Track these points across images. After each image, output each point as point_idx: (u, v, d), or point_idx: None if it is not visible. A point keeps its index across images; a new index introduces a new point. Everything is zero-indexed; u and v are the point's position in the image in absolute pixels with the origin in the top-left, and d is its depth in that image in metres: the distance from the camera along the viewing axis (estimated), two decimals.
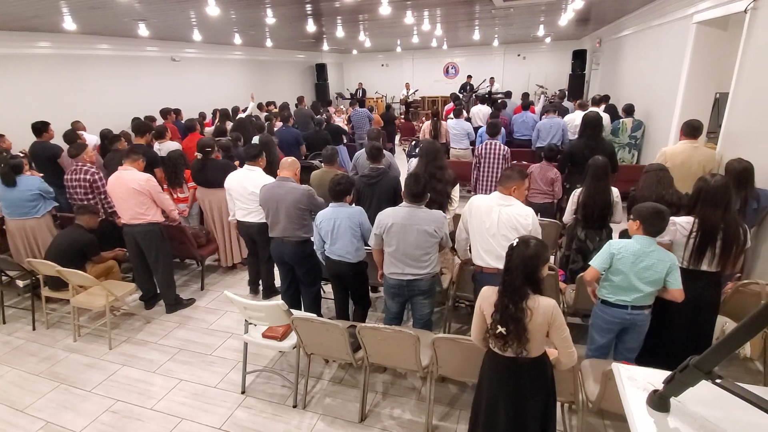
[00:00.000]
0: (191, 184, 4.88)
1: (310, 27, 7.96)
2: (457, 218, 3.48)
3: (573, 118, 6.86)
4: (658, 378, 1.31)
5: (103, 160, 5.49)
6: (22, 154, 5.49)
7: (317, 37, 11.17)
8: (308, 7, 6.68)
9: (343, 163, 6.61)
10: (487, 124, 5.84)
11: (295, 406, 2.98)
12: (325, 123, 7.73)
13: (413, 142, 7.12)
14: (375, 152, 3.90)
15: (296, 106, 9.93)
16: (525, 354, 1.93)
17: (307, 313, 3.15)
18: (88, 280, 3.69)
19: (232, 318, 4.08)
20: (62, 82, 7.49)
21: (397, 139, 10.79)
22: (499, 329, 1.93)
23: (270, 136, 6.23)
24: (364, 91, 15.50)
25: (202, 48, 10.53)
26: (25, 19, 5.83)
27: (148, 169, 4.28)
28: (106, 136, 5.93)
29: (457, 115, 7.40)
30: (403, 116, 12.40)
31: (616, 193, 3.39)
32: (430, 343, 2.51)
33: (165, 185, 4.80)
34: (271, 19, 7.03)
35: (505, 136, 6.97)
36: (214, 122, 8.35)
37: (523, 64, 15.61)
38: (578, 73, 12.80)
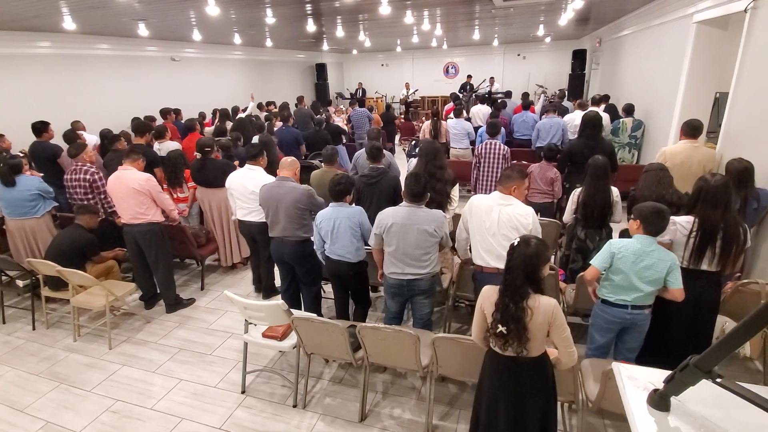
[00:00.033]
0: (191, 184, 4.88)
1: (310, 27, 7.96)
2: (456, 218, 3.48)
3: (573, 118, 6.86)
4: (659, 377, 1.31)
5: (103, 160, 5.49)
6: (22, 154, 5.50)
7: (317, 37, 11.17)
8: (308, 7, 6.68)
9: (343, 163, 6.61)
10: (487, 123, 5.84)
11: (295, 406, 2.98)
12: (325, 123, 7.73)
13: (413, 142, 7.13)
14: (375, 152, 3.90)
15: (296, 105, 9.93)
16: (525, 353, 1.93)
17: (307, 313, 3.15)
18: (88, 279, 3.69)
19: (232, 318, 4.08)
20: (62, 81, 7.49)
21: (397, 138, 10.80)
22: (500, 328, 1.93)
23: (270, 136, 6.24)
24: (364, 91, 15.49)
25: (202, 48, 10.53)
26: (25, 19, 5.83)
27: (148, 169, 4.28)
28: (106, 136, 5.93)
29: (458, 114, 7.40)
30: (403, 116, 12.39)
31: (615, 193, 3.40)
32: (430, 343, 2.52)
33: (165, 185, 4.80)
34: (271, 18, 7.03)
35: (505, 136, 6.97)
36: (214, 122, 8.35)
37: (523, 64, 15.61)
38: (578, 72, 12.80)
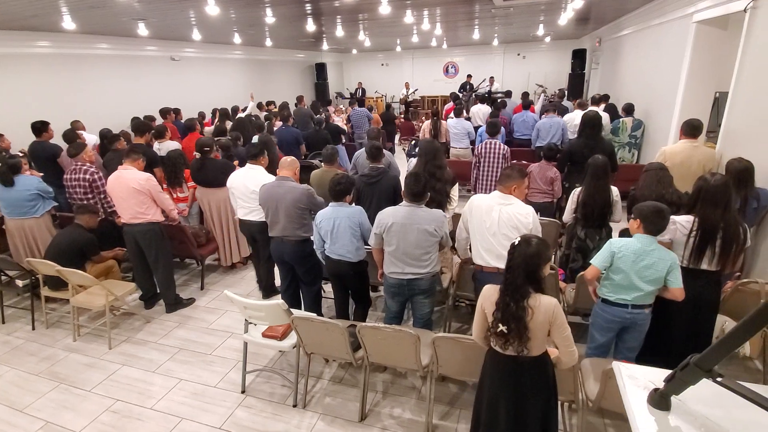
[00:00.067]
0: (191, 184, 4.88)
1: (310, 26, 7.96)
2: (456, 217, 3.48)
3: (573, 118, 6.86)
4: (659, 376, 1.31)
5: (103, 160, 5.48)
6: (22, 154, 5.49)
7: (317, 37, 11.16)
8: (308, 7, 6.68)
9: (342, 162, 6.61)
10: (487, 123, 5.84)
11: (295, 406, 2.98)
12: (325, 123, 7.73)
13: (413, 142, 7.13)
14: (375, 152, 3.90)
15: (296, 105, 9.92)
16: (526, 353, 1.93)
17: (307, 313, 3.14)
18: (87, 279, 3.69)
19: (232, 317, 4.07)
20: (62, 81, 7.49)
21: (396, 138, 10.79)
22: (501, 327, 1.93)
23: (269, 136, 6.24)
24: (363, 91, 15.49)
25: (202, 47, 10.52)
26: (24, 19, 5.82)
27: (148, 169, 4.28)
28: (106, 136, 5.92)
29: (458, 114, 7.40)
30: (402, 116, 12.39)
31: (615, 192, 3.40)
32: (431, 343, 2.52)
33: (164, 185, 4.79)
34: (270, 18, 7.03)
35: (505, 136, 6.97)
36: (214, 122, 8.35)
37: (523, 64, 15.61)
38: (578, 72, 12.80)
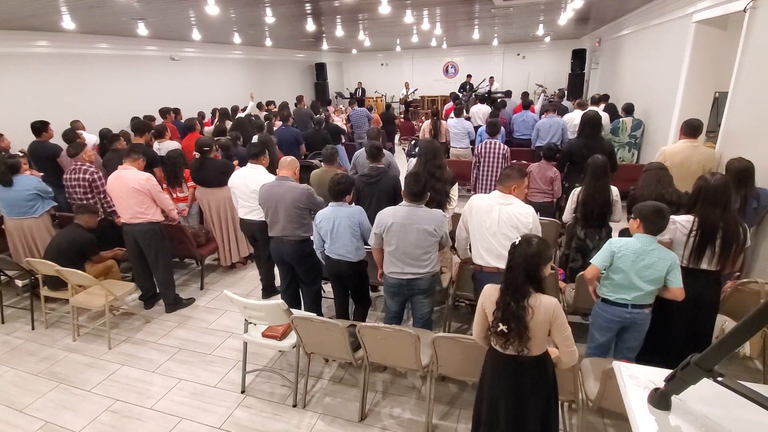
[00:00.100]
0: (191, 184, 4.87)
1: (310, 26, 7.96)
2: (456, 217, 3.48)
3: (572, 117, 6.87)
4: (659, 376, 1.31)
5: (102, 160, 5.48)
6: (21, 154, 5.48)
7: (317, 37, 11.16)
8: (308, 7, 6.67)
9: (341, 162, 6.61)
10: (487, 123, 5.84)
11: (294, 406, 2.98)
12: (324, 122, 7.73)
13: (413, 142, 7.13)
14: (375, 151, 3.90)
15: (295, 105, 9.92)
16: (526, 352, 1.93)
17: (307, 313, 3.14)
18: (87, 279, 3.68)
19: (232, 317, 4.07)
20: (61, 81, 7.48)
21: (396, 138, 10.79)
22: (501, 327, 1.93)
23: (269, 136, 6.23)
24: (363, 91, 15.48)
25: (202, 47, 10.51)
26: (23, 18, 5.81)
27: (148, 169, 4.27)
28: (105, 136, 5.92)
29: (458, 114, 7.39)
30: (402, 115, 12.39)
31: (615, 192, 3.40)
32: (430, 342, 2.52)
33: (164, 185, 4.79)
34: (270, 18, 7.03)
35: (505, 136, 6.97)
36: (214, 121, 8.35)
37: (523, 64, 15.61)
38: (578, 72, 12.80)
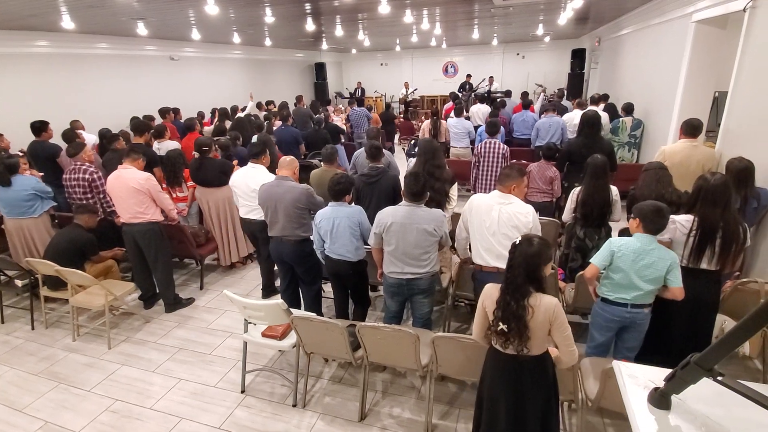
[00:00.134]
0: (190, 184, 4.87)
1: (309, 26, 7.96)
2: (455, 217, 3.48)
3: (572, 117, 6.87)
4: (659, 376, 1.31)
5: (102, 160, 5.47)
6: (21, 154, 5.48)
7: (316, 36, 11.15)
8: (307, 6, 6.67)
9: (341, 162, 6.61)
10: (486, 123, 5.84)
11: (294, 405, 2.98)
12: (324, 122, 7.73)
13: (412, 141, 7.13)
14: (374, 151, 3.90)
15: (295, 105, 9.92)
16: (526, 352, 1.93)
17: (307, 312, 3.14)
18: (87, 279, 3.68)
19: (232, 317, 4.07)
20: (61, 81, 7.47)
21: (396, 138, 10.79)
22: (501, 326, 1.93)
23: (268, 136, 6.23)
24: (363, 90, 15.48)
25: (201, 47, 10.51)
26: (22, 18, 5.80)
27: (147, 169, 4.27)
28: (105, 136, 5.91)
29: (458, 113, 7.38)
30: (402, 115, 12.39)
31: (615, 192, 3.40)
32: (430, 342, 2.51)
33: (164, 184, 4.79)
34: (270, 18, 7.02)
35: (504, 135, 6.96)
36: (213, 121, 8.34)
37: (523, 63, 15.61)
38: (577, 72, 12.79)
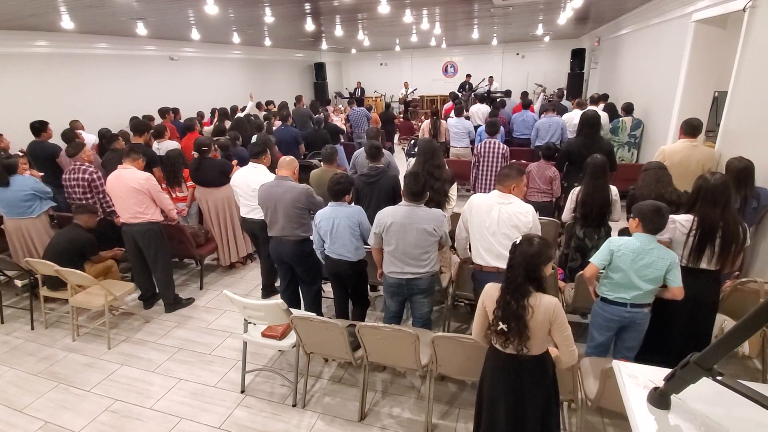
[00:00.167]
0: (190, 184, 4.87)
1: (309, 26, 7.95)
2: (455, 217, 3.48)
3: (572, 117, 6.87)
4: (659, 375, 1.31)
5: (101, 160, 5.47)
6: (22, 154, 5.47)
7: (316, 36, 11.15)
8: (307, 6, 6.67)
9: (340, 162, 6.60)
10: (486, 122, 5.84)
11: (294, 405, 2.98)
12: (324, 122, 7.73)
13: (412, 141, 7.13)
14: (374, 151, 3.90)
15: (294, 105, 9.92)
16: (526, 351, 1.93)
17: (306, 312, 3.14)
18: (86, 279, 3.68)
19: (232, 317, 4.07)
20: (60, 81, 7.47)
21: (396, 138, 10.79)
22: (501, 326, 1.94)
23: (267, 136, 6.23)
24: (362, 90, 15.48)
25: (201, 47, 10.50)
26: (21, 18, 5.80)
27: (147, 169, 4.26)
28: (104, 135, 5.91)
29: (458, 113, 7.38)
30: (402, 115, 12.39)
31: (614, 192, 3.40)
32: (430, 342, 2.51)
33: (163, 184, 4.78)
34: (269, 18, 7.02)
35: (504, 135, 6.96)
36: (213, 121, 8.34)
37: (522, 63, 15.61)
38: (577, 71, 12.78)
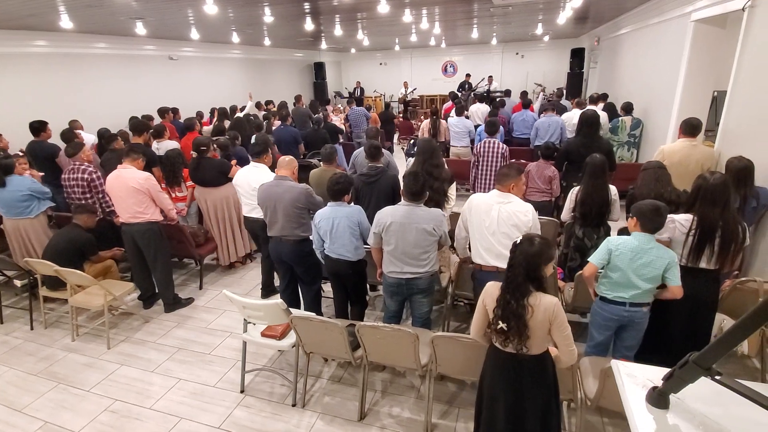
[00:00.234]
0: (189, 183, 4.87)
1: (308, 26, 7.95)
2: (454, 216, 3.48)
3: (571, 117, 6.87)
4: (658, 375, 1.31)
5: (100, 160, 5.46)
6: (22, 153, 5.46)
7: (315, 36, 11.14)
8: (306, 6, 6.66)
9: (339, 162, 6.60)
10: (486, 122, 5.84)
11: (294, 405, 2.98)
12: (323, 122, 7.73)
13: (411, 141, 7.13)
14: (374, 151, 3.90)
15: (294, 104, 9.91)
16: (525, 351, 1.94)
17: (306, 312, 3.14)
18: (86, 279, 3.68)
19: (231, 317, 4.07)
20: (60, 81, 7.46)
21: (395, 137, 10.79)
22: (500, 325, 1.94)
23: (266, 136, 6.22)
24: (362, 90, 15.47)
25: (200, 47, 10.49)
26: (20, 18, 5.79)
27: (146, 169, 4.26)
28: (104, 135, 5.91)
29: (459, 113, 7.37)
30: (401, 115, 12.39)
31: (614, 191, 3.40)
32: (429, 342, 2.52)
33: (163, 184, 4.78)
34: (269, 17, 7.01)
35: (504, 135, 6.96)
36: (212, 121, 8.34)
37: (522, 63, 15.61)
38: (576, 71, 12.78)
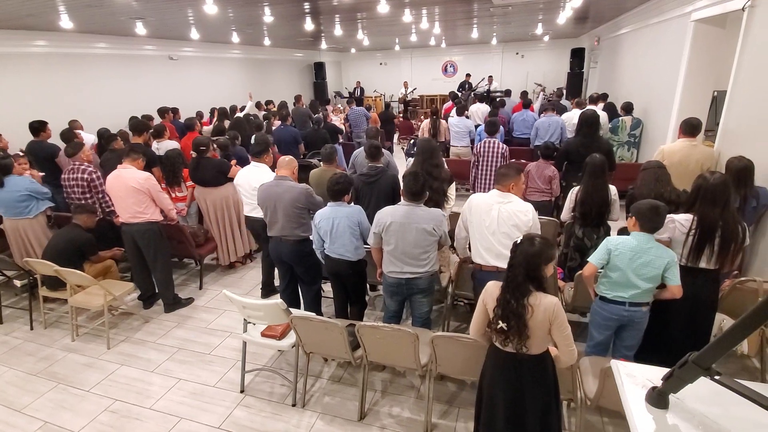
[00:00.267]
0: (189, 183, 4.87)
1: (308, 25, 7.95)
2: (454, 216, 3.48)
3: (571, 117, 6.87)
4: (657, 375, 1.31)
5: (100, 159, 5.46)
6: (22, 153, 5.46)
7: (315, 36, 11.14)
8: (306, 6, 6.66)
9: (339, 162, 6.60)
10: (486, 122, 5.84)
11: (294, 405, 2.98)
12: (323, 122, 7.73)
13: (411, 141, 7.12)
14: (374, 151, 3.90)
15: (294, 104, 9.91)
16: (525, 350, 1.94)
17: (306, 312, 3.14)
18: (85, 279, 3.68)
19: (231, 317, 4.07)
20: (60, 81, 7.46)
21: (395, 137, 10.79)
22: (500, 324, 1.94)
23: (266, 136, 6.22)
24: (362, 90, 15.47)
25: (200, 46, 10.50)
26: (20, 18, 5.79)
27: (146, 169, 4.26)
28: (103, 135, 5.90)
29: (460, 113, 7.37)
30: (401, 115, 12.38)
31: (613, 191, 3.40)
32: (429, 342, 2.52)
33: (163, 184, 4.78)
34: (269, 17, 7.01)
35: (504, 135, 6.95)
36: (212, 121, 8.34)
37: (522, 63, 15.61)
38: (576, 71, 12.78)
